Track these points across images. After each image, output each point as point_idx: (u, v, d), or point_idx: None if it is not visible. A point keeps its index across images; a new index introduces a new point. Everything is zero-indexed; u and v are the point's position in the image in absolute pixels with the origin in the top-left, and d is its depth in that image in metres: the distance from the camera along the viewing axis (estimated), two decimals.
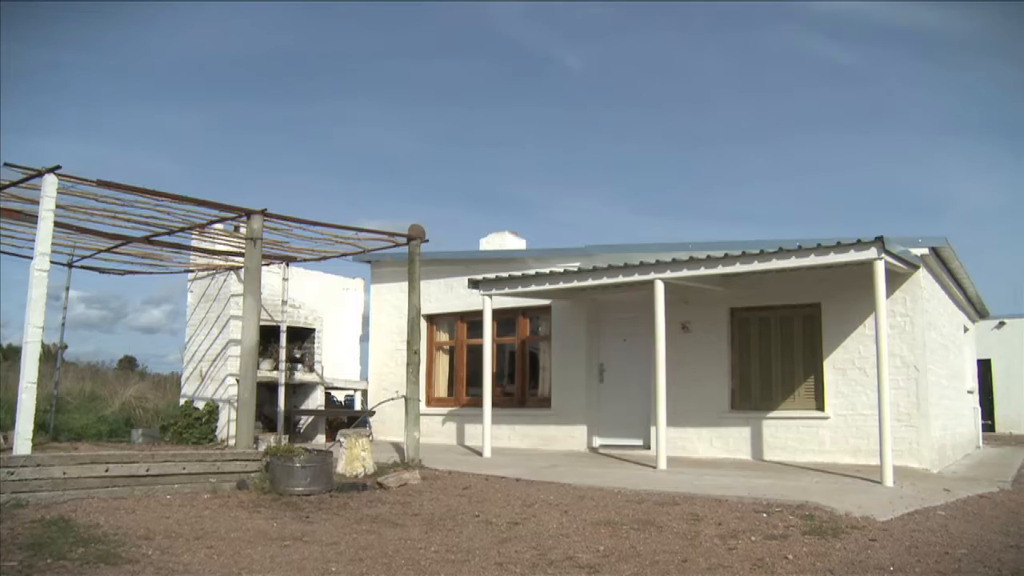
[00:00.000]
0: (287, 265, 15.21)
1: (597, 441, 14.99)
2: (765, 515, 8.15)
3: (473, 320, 16.36)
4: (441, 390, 17.41)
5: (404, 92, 79.24)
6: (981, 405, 21.14)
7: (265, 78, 77.33)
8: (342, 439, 11.20)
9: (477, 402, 14.82)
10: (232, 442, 12.94)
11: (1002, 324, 28.36)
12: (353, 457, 10.91)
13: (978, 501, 9.64)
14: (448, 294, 16.99)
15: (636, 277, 12.44)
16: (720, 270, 11.69)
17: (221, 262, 14.98)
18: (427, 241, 12.90)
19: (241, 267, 13.28)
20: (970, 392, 18.72)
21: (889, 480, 10.18)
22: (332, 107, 78.92)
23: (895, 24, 69.27)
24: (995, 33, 69.13)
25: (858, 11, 69.06)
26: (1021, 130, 73.79)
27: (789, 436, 13.04)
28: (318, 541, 6.96)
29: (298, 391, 16.79)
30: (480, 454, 13.73)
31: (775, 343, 13.55)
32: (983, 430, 20.83)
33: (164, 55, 70.96)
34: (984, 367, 26.85)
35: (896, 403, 11.80)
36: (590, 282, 12.94)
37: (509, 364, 16.75)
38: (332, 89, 79.13)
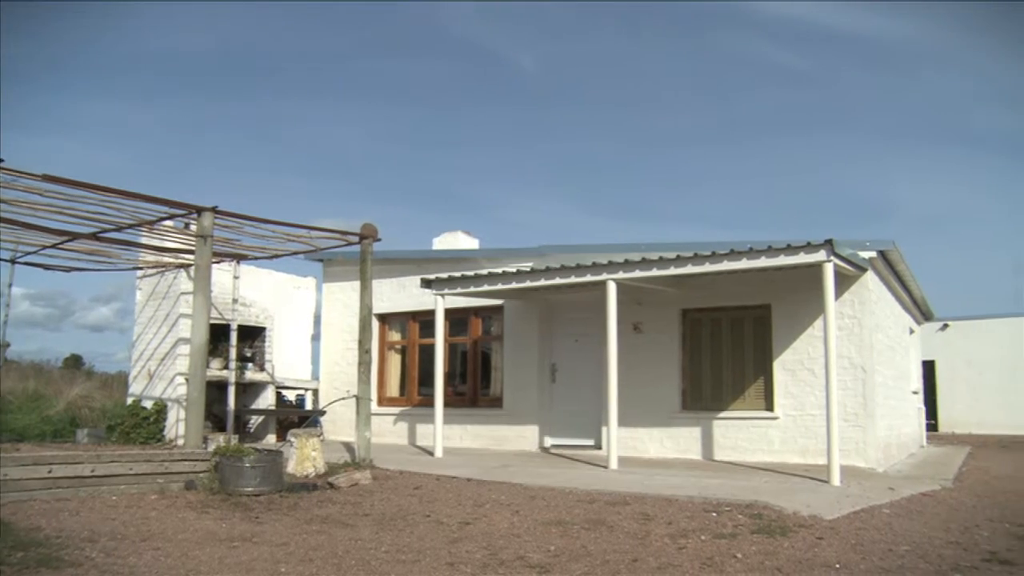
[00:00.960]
0: (238, 263, 15.05)
1: (549, 441, 15.04)
2: (715, 514, 8.24)
3: (425, 319, 16.32)
4: (393, 390, 17.35)
5: (358, 91, 78.89)
6: (925, 405, 21.54)
7: (219, 75, 76.54)
8: (293, 439, 11.11)
9: (429, 402, 14.80)
10: (181, 442, 12.78)
11: (946, 326, 28.95)
12: (304, 457, 10.84)
13: (921, 499, 9.84)
14: (400, 293, 16.93)
15: (588, 278, 12.49)
16: (672, 271, 11.78)
17: (171, 259, 14.80)
18: (380, 240, 12.84)
19: (191, 265, 13.12)
20: (915, 393, 19.06)
21: (836, 479, 10.34)
22: (286, 106, 78.33)
23: (846, 30, 70.26)
24: (943, 41, 70.45)
25: (809, 16, 69.97)
26: (967, 136, 75.24)
27: (739, 436, 13.18)
28: (268, 542, 6.90)
29: (248, 390, 16.63)
30: (432, 454, 13.71)
31: (726, 344, 13.69)
32: (927, 430, 21.23)
33: (116, 48, 69.96)
34: (928, 368, 27.40)
35: (844, 403, 11.99)
36: (542, 282, 12.97)
37: (461, 364, 16.75)
38: (286, 88, 78.54)
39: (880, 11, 66.95)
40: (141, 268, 15.68)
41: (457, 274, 14.20)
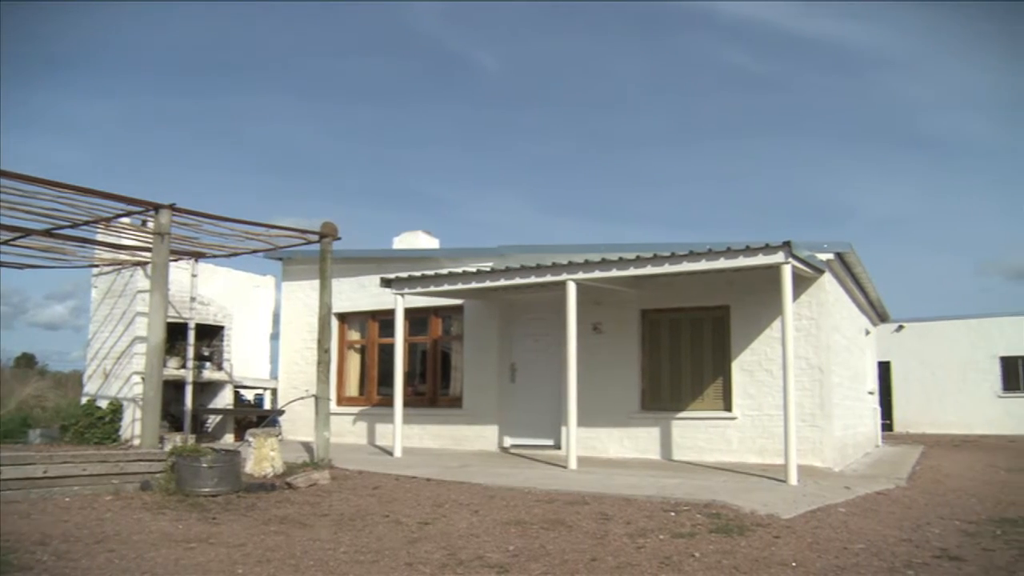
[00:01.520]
0: (196, 261, 14.92)
1: (508, 441, 15.05)
2: (673, 514, 8.29)
3: (385, 319, 16.26)
4: (352, 389, 17.27)
5: (320, 89, 78.45)
6: (881, 405, 21.84)
7: (178, 71, 75.72)
8: (251, 438, 11.03)
9: (388, 401, 14.75)
10: (137, 442, 12.65)
11: (901, 328, 29.39)
12: (262, 457, 10.76)
13: (876, 498, 9.99)
14: (360, 293, 16.85)
15: (548, 278, 12.52)
16: (631, 272, 11.84)
17: (127, 257, 14.61)
18: (339, 239, 12.79)
19: (148, 262, 12.99)
20: (871, 393, 19.31)
21: (793, 479, 10.46)
22: (246, 103, 77.72)
23: (805, 34, 71.10)
24: (900, 46, 71.45)
25: (770, 20, 70.69)
26: (922, 140, 76.46)
27: (698, 436, 13.28)
28: (225, 543, 6.84)
29: (206, 390, 16.48)
30: (391, 454, 13.67)
31: (685, 345, 13.78)
32: (882, 429, 21.54)
33: (73, 44, 68.95)
34: (884, 369, 27.80)
35: (801, 404, 12.11)
36: (502, 282, 12.98)
37: (421, 363, 16.72)
38: (247, 85, 77.91)
39: (839, 16, 67.80)
40: (97, 265, 15.47)
41: (417, 274, 14.17)
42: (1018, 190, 74.42)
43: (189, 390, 14.88)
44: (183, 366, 15.13)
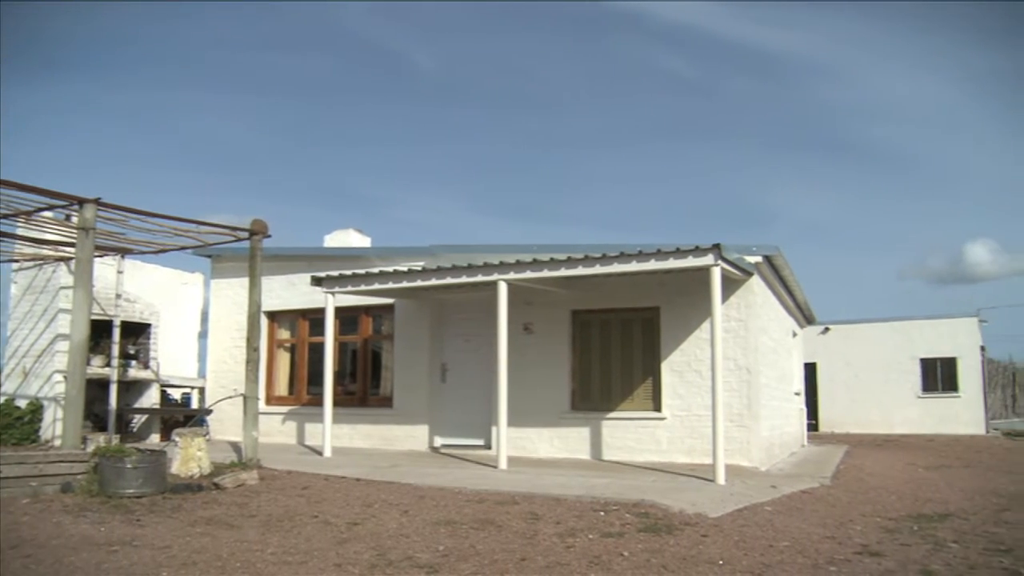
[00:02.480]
0: (122, 257, 14.62)
1: (439, 441, 15.02)
2: (602, 513, 8.36)
3: (315, 317, 16.11)
4: (282, 388, 17.08)
5: (252, 85, 77.31)
6: (807, 406, 22.24)
7: (104, 63, 74.05)
8: (177, 438, 10.85)
9: (318, 401, 14.61)
10: (58, 443, 12.36)
11: (827, 330, 30.00)
12: (188, 457, 10.60)
13: (801, 496, 10.19)
14: (290, 291, 16.67)
15: (480, 278, 12.52)
16: (563, 272, 11.89)
17: (50, 252, 14.27)
18: (270, 236, 12.64)
19: (72, 258, 12.68)
20: (797, 394, 19.65)
21: (721, 478, 10.61)
22: (177, 97, 76.21)
23: (736, 41, 72.19)
24: (825, 55, 72.97)
25: (701, 26, 71.63)
26: (845, 147, 78.18)
27: (628, 436, 13.39)
28: (149, 545, 6.72)
29: (132, 389, 16.17)
30: (320, 454, 13.56)
31: (615, 345, 13.88)
32: (808, 429, 21.94)
33: None
34: (810, 370, 28.38)
35: (729, 404, 12.29)
36: (434, 282, 12.95)
37: (351, 363, 16.59)
38: (177, 78, 76.46)
39: (769, 23, 69.00)
40: (17, 260, 15.09)
41: (348, 272, 14.07)
42: (937, 197, 76.59)
43: (114, 389, 14.58)
44: (108, 364, 14.82)
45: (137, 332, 16.29)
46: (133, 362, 15.98)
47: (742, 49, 76.58)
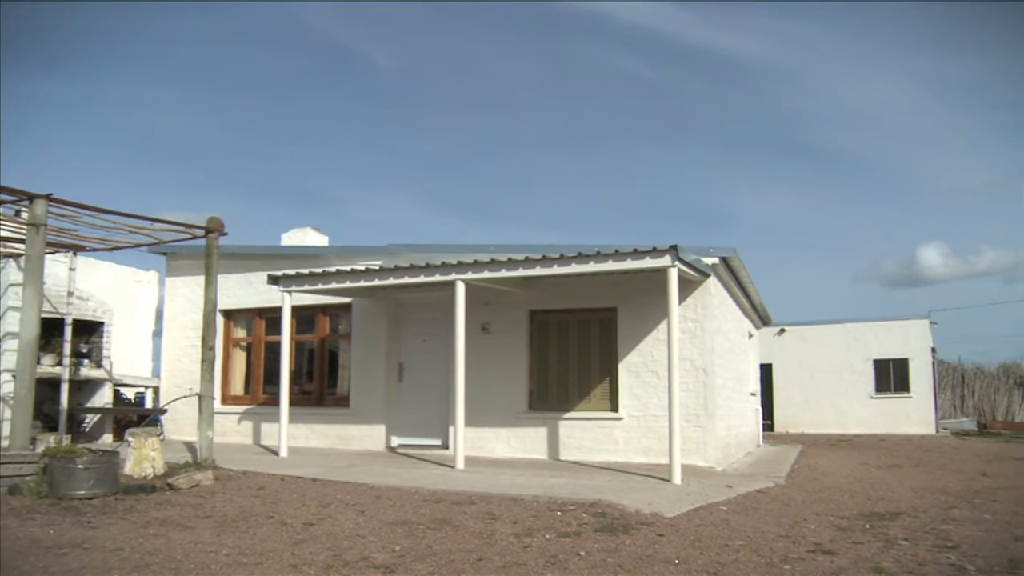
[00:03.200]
0: (75, 254, 14.39)
1: (396, 441, 14.98)
2: (559, 513, 8.39)
3: (272, 316, 15.99)
4: (237, 388, 16.93)
5: (209, 82, 76.39)
6: (762, 406, 22.49)
7: (56, 55, 72.81)
8: (130, 438, 10.71)
9: (274, 400, 14.50)
10: (5, 443, 12.11)
11: (783, 331, 30.35)
12: (142, 457, 10.46)
13: (756, 496, 10.29)
14: (247, 289, 16.54)
15: (438, 277, 12.50)
16: (520, 272, 11.91)
17: None
18: (226, 234, 12.51)
19: (22, 255, 12.46)
20: (753, 394, 19.86)
21: (677, 478, 10.68)
22: (132, 92, 75.07)
23: (693, 43, 72.77)
24: (782, 59, 73.78)
25: (659, 29, 72.11)
26: (801, 150, 79.11)
27: (585, 436, 13.43)
28: (100, 547, 6.62)
29: (84, 388, 15.92)
30: (276, 454, 13.47)
31: (573, 346, 13.92)
32: (763, 429, 22.20)
33: None
34: (766, 371, 28.68)
35: (686, 404, 12.38)
36: (391, 281, 12.91)
37: (308, 362, 16.49)
38: (133, 73, 75.33)
39: (726, 27, 69.60)
40: None
41: (305, 271, 13.99)
42: (891, 202, 77.76)
43: (65, 388, 14.33)
44: (59, 363, 14.57)
45: (90, 330, 16.04)
46: (85, 361, 15.73)
47: (701, 52, 77.24)
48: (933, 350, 29.56)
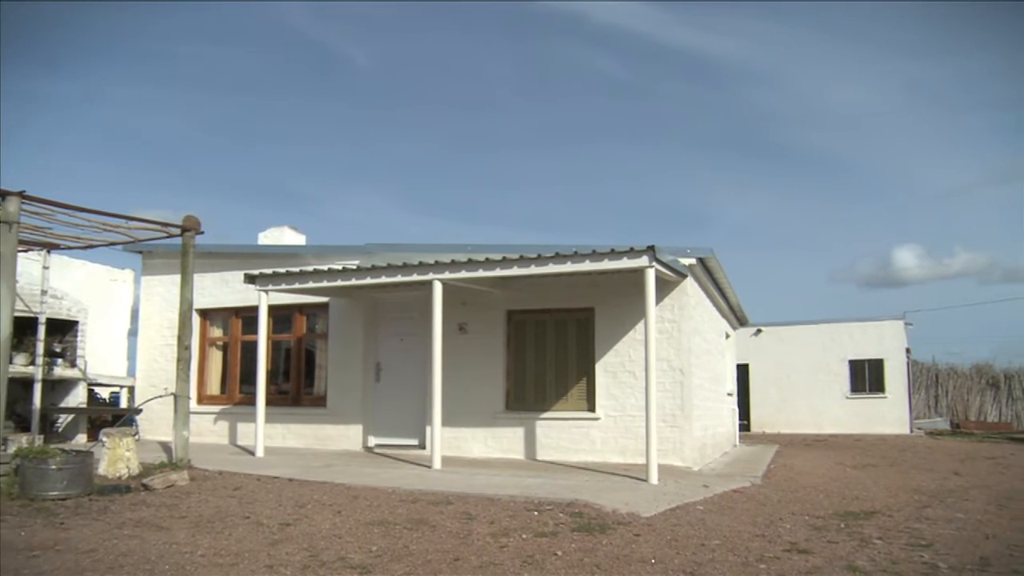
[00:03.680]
0: (48, 252, 14.26)
1: (373, 441, 14.94)
2: (536, 513, 8.39)
3: (248, 316, 15.92)
4: (214, 387, 16.84)
5: (186, 79, 75.86)
6: (739, 406, 22.59)
7: (37, 52, 72.12)
8: (105, 438, 10.62)
9: (251, 400, 14.43)
10: None
11: (759, 332, 30.52)
12: (116, 458, 10.38)
13: (732, 495, 10.34)
14: (223, 289, 16.45)
15: (415, 277, 12.47)
16: (498, 272, 11.91)
17: None
18: (202, 233, 12.42)
19: None
20: (729, 394, 19.94)
21: (654, 478, 10.71)
22: (108, 89, 74.45)
23: (671, 45, 73.01)
24: (758, 61, 74.14)
25: (637, 30, 72.30)
26: (778, 152, 79.52)
27: (562, 436, 13.44)
28: (73, 549, 6.56)
29: (57, 388, 15.78)
30: (253, 453, 13.41)
31: (550, 346, 13.93)
32: (740, 430, 22.29)
33: None
34: (742, 371, 28.84)
35: (662, 405, 12.42)
36: (369, 280, 12.88)
37: (285, 362, 16.42)
38: (108, 70, 74.72)
39: (704, 29, 69.89)
40: None
41: (282, 270, 13.93)
42: (867, 203, 78.30)
43: (38, 388, 14.20)
44: (32, 363, 14.44)
45: (64, 329, 15.91)
46: (59, 360, 15.59)
47: (677, 53, 77.54)
48: (908, 351, 29.81)
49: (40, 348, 14.39)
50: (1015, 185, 74.41)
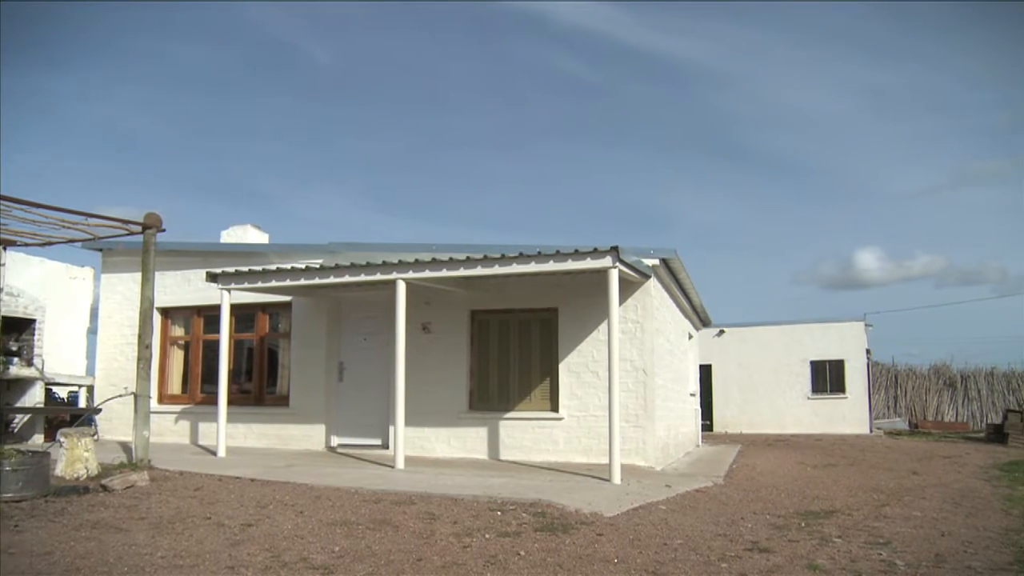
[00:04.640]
0: (4, 249, 14.05)
1: (336, 440, 14.87)
2: (499, 513, 8.40)
3: (211, 314, 15.77)
4: (175, 387, 16.66)
5: (147, 75, 75.01)
6: (701, 407, 22.72)
7: None
8: (63, 439, 10.49)
9: (213, 400, 14.31)
10: None
11: (722, 332, 30.70)
12: (75, 458, 10.25)
13: (695, 495, 10.42)
14: (185, 287, 16.29)
15: (378, 276, 12.43)
16: (462, 272, 11.90)
17: None
18: (164, 231, 12.31)
19: None
20: (692, 395, 20.05)
21: (617, 478, 10.76)
22: (67, 83, 73.44)
23: (635, 46, 73.34)
24: (722, 64, 74.68)
25: (602, 31, 72.55)
26: (740, 154, 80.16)
27: (525, 436, 13.46)
28: (28, 552, 6.46)
29: (13, 387, 15.56)
30: (214, 454, 13.30)
31: (514, 346, 13.94)
32: (703, 430, 22.41)
33: None
34: (705, 372, 29.01)
35: (626, 405, 12.48)
36: (332, 280, 12.81)
37: (247, 361, 16.28)
38: (69, 64, 73.71)
39: (668, 31, 70.28)
40: None
41: (245, 269, 13.81)
42: (829, 206, 79.12)
43: None
44: None
45: (20, 327, 15.70)
46: (15, 359, 15.38)
47: (642, 55, 77.91)
48: (868, 352, 30.14)
49: None
50: (973, 189, 75.62)
